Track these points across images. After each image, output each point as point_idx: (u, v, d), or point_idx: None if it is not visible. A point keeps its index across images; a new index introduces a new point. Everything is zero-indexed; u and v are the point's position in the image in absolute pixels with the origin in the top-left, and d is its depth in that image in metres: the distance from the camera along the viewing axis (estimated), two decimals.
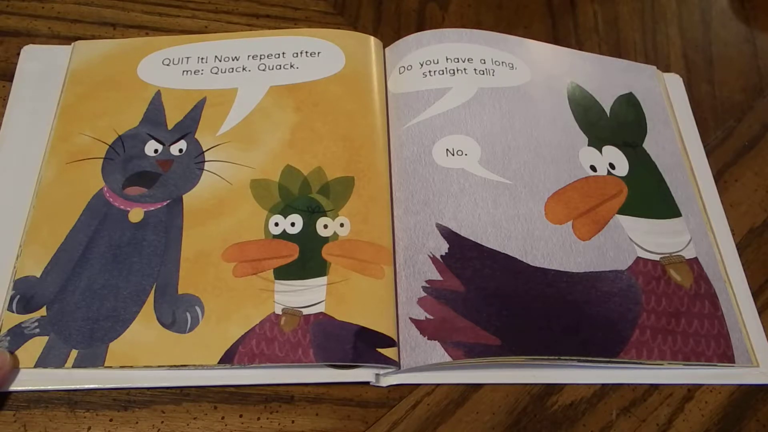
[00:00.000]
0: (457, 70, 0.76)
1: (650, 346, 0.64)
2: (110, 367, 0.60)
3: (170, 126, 0.72)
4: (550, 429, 0.62)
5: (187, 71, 0.76)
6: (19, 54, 0.77)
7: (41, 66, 0.76)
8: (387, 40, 0.80)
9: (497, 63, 0.78)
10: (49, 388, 0.60)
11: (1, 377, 0.59)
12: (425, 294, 0.64)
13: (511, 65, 0.78)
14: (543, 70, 0.79)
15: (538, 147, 0.73)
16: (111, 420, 0.60)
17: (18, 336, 0.61)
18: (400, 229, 0.68)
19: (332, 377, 0.61)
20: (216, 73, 0.77)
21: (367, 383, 0.62)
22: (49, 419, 0.59)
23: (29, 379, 0.60)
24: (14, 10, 0.81)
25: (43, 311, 0.62)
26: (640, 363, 0.63)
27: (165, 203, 0.68)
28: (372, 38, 0.79)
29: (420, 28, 0.85)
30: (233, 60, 0.78)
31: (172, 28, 0.82)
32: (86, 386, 0.60)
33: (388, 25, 0.86)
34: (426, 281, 0.64)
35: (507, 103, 0.75)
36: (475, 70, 0.77)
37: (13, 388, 0.59)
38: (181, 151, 0.71)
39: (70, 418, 0.59)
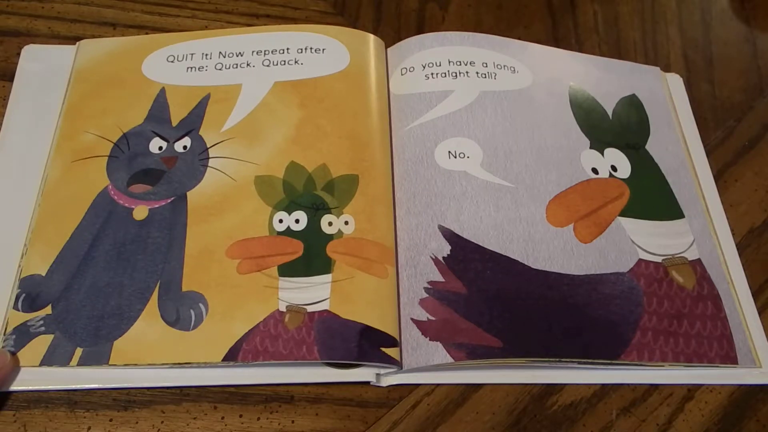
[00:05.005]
0: (459, 73, 0.77)
1: (651, 348, 0.64)
2: (115, 365, 0.60)
3: (175, 123, 0.73)
4: (550, 429, 0.62)
5: (192, 68, 0.76)
6: (19, 54, 0.77)
7: (42, 66, 0.77)
8: (387, 40, 0.80)
9: (499, 66, 0.78)
10: (52, 387, 0.60)
11: (2, 378, 0.59)
12: (427, 295, 0.64)
13: (512, 69, 0.78)
14: (545, 74, 0.79)
15: (539, 150, 0.73)
16: (111, 420, 0.60)
17: (23, 334, 0.61)
18: (402, 229, 0.68)
19: (333, 377, 0.62)
20: (220, 69, 0.77)
21: (367, 383, 0.62)
22: (49, 419, 0.59)
23: (34, 378, 0.60)
24: (14, 10, 0.81)
25: (48, 309, 0.62)
26: (641, 365, 0.64)
27: (169, 200, 0.68)
28: (375, 38, 0.79)
29: (420, 28, 0.86)
30: (237, 56, 0.78)
31: (172, 28, 0.82)
32: (89, 386, 0.60)
33: (388, 24, 0.86)
34: (428, 282, 0.65)
35: (509, 106, 0.75)
36: (477, 73, 0.77)
37: (17, 387, 0.59)
38: (185, 147, 0.71)
39: (70, 418, 0.60)
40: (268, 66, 0.77)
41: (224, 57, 0.78)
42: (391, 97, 0.76)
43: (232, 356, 0.61)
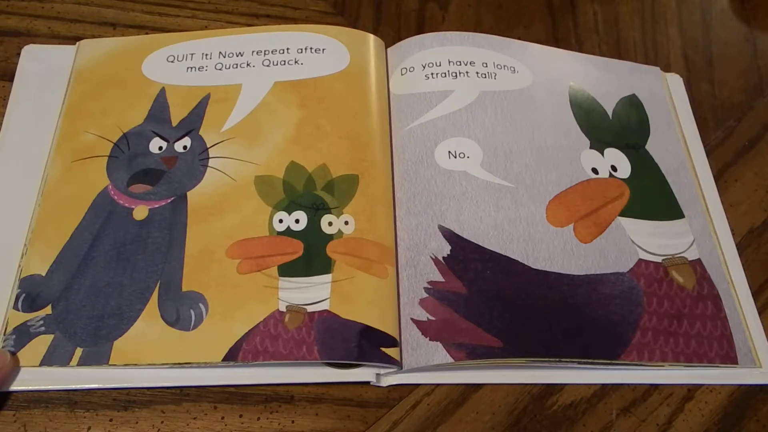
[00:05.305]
0: (459, 73, 0.77)
1: (651, 348, 0.64)
2: (115, 365, 0.60)
3: (175, 123, 0.72)
4: (550, 429, 0.62)
5: (192, 68, 0.76)
6: (19, 54, 0.77)
7: (42, 66, 0.76)
8: (387, 40, 0.80)
9: (499, 66, 0.78)
10: (52, 387, 0.60)
11: (2, 378, 0.59)
12: (427, 295, 0.64)
13: (512, 69, 0.78)
14: (545, 74, 0.79)
15: (539, 150, 0.73)
16: (111, 420, 0.60)
17: (23, 334, 0.61)
18: (401, 229, 0.68)
19: (333, 377, 0.62)
20: (220, 69, 0.77)
21: (367, 383, 0.62)
22: (49, 419, 0.59)
23: (34, 378, 0.60)
24: (14, 10, 0.81)
25: (48, 309, 0.62)
26: (641, 365, 0.64)
27: (169, 200, 0.68)
28: (375, 38, 0.79)
29: (420, 28, 0.86)
30: (237, 56, 0.78)
31: (172, 28, 0.82)
32: (89, 386, 0.60)
33: (388, 24, 0.86)
34: (428, 282, 0.65)
35: (509, 106, 0.75)
36: (477, 73, 0.77)
37: (17, 387, 0.59)
38: (185, 147, 0.71)
39: (70, 418, 0.60)
40: (268, 66, 0.77)
41: (224, 57, 0.78)
42: (391, 97, 0.76)
43: (232, 356, 0.60)
